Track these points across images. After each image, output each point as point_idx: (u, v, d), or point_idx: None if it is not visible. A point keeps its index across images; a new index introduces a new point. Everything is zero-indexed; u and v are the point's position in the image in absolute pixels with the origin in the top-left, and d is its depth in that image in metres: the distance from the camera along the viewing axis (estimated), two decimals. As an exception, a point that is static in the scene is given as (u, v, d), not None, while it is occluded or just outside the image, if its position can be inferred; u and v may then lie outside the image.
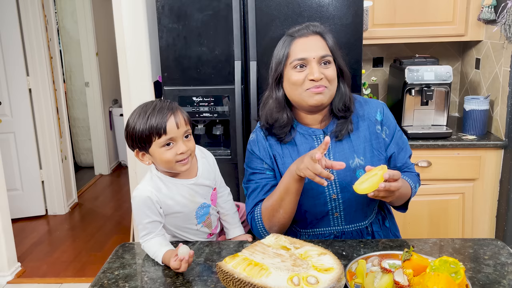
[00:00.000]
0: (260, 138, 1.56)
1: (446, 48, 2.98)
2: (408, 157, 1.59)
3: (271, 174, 1.54)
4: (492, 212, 2.54)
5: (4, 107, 3.77)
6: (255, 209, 1.52)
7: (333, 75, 1.44)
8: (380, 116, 1.54)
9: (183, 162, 1.41)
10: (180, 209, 1.48)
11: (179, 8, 2.23)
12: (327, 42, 1.46)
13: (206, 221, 1.56)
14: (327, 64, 1.44)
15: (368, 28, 2.61)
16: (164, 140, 1.37)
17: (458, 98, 3.04)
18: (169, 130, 1.36)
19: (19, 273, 3.14)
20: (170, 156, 1.38)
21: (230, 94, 2.29)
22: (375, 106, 1.55)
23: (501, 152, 2.46)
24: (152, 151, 1.40)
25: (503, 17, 2.38)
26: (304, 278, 1.10)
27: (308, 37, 1.45)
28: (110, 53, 5.12)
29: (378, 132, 1.52)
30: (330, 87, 1.44)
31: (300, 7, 2.20)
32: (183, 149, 1.39)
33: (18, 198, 3.93)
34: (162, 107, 1.38)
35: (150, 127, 1.35)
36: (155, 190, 1.44)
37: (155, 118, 1.35)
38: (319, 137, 1.51)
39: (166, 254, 1.38)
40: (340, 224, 1.53)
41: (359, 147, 1.50)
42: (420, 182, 1.60)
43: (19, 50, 3.74)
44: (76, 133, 5.30)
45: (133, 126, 1.38)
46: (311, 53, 1.42)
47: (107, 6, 4.92)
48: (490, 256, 1.36)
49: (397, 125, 1.58)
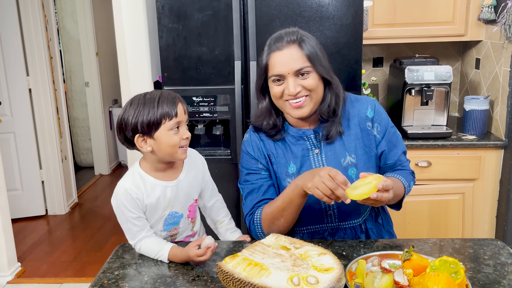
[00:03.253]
0: (254, 138, 1.56)
1: (446, 48, 2.98)
2: (402, 154, 1.57)
3: (266, 174, 1.54)
4: (492, 212, 2.54)
5: (4, 107, 3.77)
6: (255, 213, 1.52)
7: (312, 84, 1.41)
8: (371, 113, 1.52)
9: (184, 149, 1.43)
10: (153, 210, 1.46)
11: (179, 8, 2.23)
12: (304, 51, 1.41)
13: (172, 230, 1.53)
14: (305, 74, 1.41)
15: (368, 28, 2.61)
16: (174, 122, 1.39)
17: (458, 98, 3.04)
18: (180, 113, 1.40)
19: (19, 273, 3.14)
20: (177, 140, 1.40)
21: (230, 94, 2.29)
22: (366, 103, 1.54)
23: (501, 152, 2.46)
24: (159, 136, 1.39)
25: (503, 17, 2.38)
26: (304, 278, 1.10)
27: (283, 50, 1.41)
28: (110, 53, 5.12)
29: (369, 129, 1.52)
30: (312, 95, 1.43)
31: (300, 7, 2.20)
32: (187, 134, 1.42)
33: (18, 198, 3.93)
34: (168, 95, 1.42)
35: (162, 109, 1.38)
36: (134, 187, 1.43)
37: (166, 102, 1.39)
38: (310, 137, 1.51)
39: (174, 250, 1.38)
40: (334, 221, 1.54)
41: (350, 145, 1.50)
42: (415, 180, 1.59)
43: (19, 50, 3.74)
44: (76, 133, 5.30)
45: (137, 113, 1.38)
46: (285, 67, 1.40)
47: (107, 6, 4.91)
48: (490, 256, 1.36)
49: (390, 121, 1.57)
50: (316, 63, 1.41)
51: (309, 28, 2.20)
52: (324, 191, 1.27)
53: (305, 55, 1.40)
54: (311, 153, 1.51)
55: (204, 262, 1.37)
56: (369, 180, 1.28)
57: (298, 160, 1.51)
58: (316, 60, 1.41)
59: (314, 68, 1.41)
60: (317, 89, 1.43)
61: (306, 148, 1.51)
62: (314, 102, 1.44)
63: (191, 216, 1.55)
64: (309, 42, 1.42)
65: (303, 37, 1.43)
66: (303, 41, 1.42)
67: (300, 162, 1.51)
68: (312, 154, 1.51)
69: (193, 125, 2.37)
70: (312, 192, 1.30)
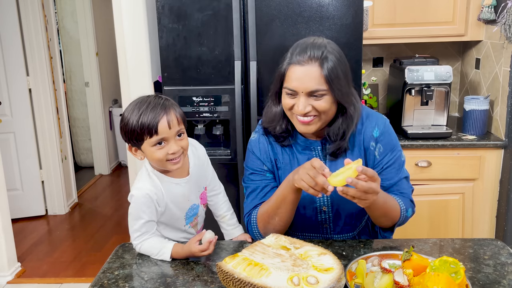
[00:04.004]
0: (262, 140, 1.54)
1: (446, 48, 2.98)
2: (404, 179, 1.50)
3: (270, 176, 1.53)
4: (492, 212, 2.54)
5: (4, 107, 3.77)
6: (252, 212, 1.52)
7: (323, 107, 1.36)
8: (377, 133, 1.47)
9: (174, 161, 1.39)
10: (174, 208, 1.48)
11: (179, 8, 2.23)
12: (324, 71, 1.33)
13: (193, 221, 1.56)
14: (319, 96, 1.35)
15: (368, 28, 2.61)
16: (156, 139, 1.35)
17: (458, 98, 3.04)
18: (161, 130, 1.34)
19: (19, 273, 3.14)
20: (161, 155, 1.36)
21: (230, 94, 2.29)
22: (374, 121, 1.48)
23: (501, 152, 2.46)
24: (144, 149, 1.39)
25: (503, 17, 2.38)
26: (304, 278, 1.10)
27: (304, 66, 1.34)
28: (110, 53, 5.12)
29: (371, 148, 1.47)
30: (321, 117, 1.39)
31: (300, 7, 2.20)
32: (174, 149, 1.37)
33: (18, 198, 3.93)
34: (155, 105, 1.35)
35: (141, 125, 1.33)
36: (154, 188, 1.43)
37: (147, 117, 1.33)
38: (316, 148, 1.49)
39: (176, 247, 1.38)
40: (329, 234, 1.55)
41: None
42: (414, 210, 1.51)
43: (19, 50, 3.74)
44: (76, 133, 5.30)
45: (127, 121, 1.36)
46: (301, 86, 1.34)
47: (107, 6, 4.91)
48: (490, 256, 1.36)
49: (397, 145, 1.50)
50: (334, 86, 1.34)
51: (309, 28, 2.20)
52: (308, 181, 1.26)
53: (324, 76, 1.33)
54: None
55: (204, 262, 1.37)
56: (349, 166, 1.23)
57: None
58: (334, 83, 1.34)
59: (330, 91, 1.35)
60: (328, 112, 1.39)
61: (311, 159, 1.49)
62: (323, 122, 1.41)
63: (203, 203, 1.59)
64: (333, 61, 1.34)
65: (328, 54, 1.35)
66: (326, 60, 1.34)
67: None
68: None
69: (193, 125, 2.37)
70: (299, 185, 1.30)
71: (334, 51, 1.37)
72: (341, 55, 1.39)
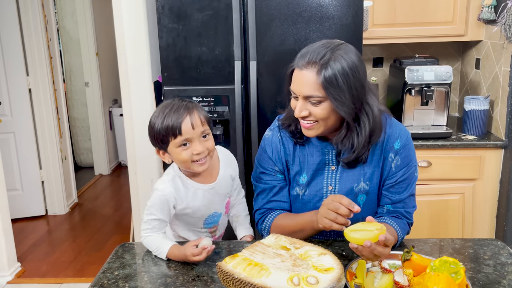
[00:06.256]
0: (275, 140, 1.51)
1: (446, 48, 2.98)
2: (411, 196, 1.49)
3: (281, 177, 1.52)
4: (492, 212, 2.54)
5: (4, 107, 3.77)
6: (268, 216, 1.52)
7: (320, 114, 1.32)
8: (398, 145, 1.44)
9: (200, 163, 1.41)
10: (192, 212, 1.49)
11: (179, 8, 2.23)
12: (320, 79, 1.27)
13: (212, 228, 1.58)
14: (316, 103, 1.31)
15: (368, 28, 2.61)
16: (180, 140, 1.38)
17: (458, 98, 3.04)
18: (184, 130, 1.37)
19: (19, 273, 3.14)
20: (186, 156, 1.39)
21: (230, 94, 2.29)
22: (397, 133, 1.45)
23: (501, 152, 2.46)
24: (170, 151, 1.41)
25: (503, 17, 2.38)
26: (304, 278, 1.10)
27: (302, 70, 1.31)
28: (110, 53, 5.12)
29: (389, 160, 1.44)
30: (321, 123, 1.36)
31: (300, 7, 2.20)
32: (199, 149, 1.39)
33: (18, 198, 3.93)
34: (179, 107, 1.38)
35: (166, 127, 1.37)
36: (174, 190, 1.44)
37: (171, 119, 1.36)
38: (331, 152, 1.46)
39: (173, 248, 1.39)
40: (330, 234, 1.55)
41: (368, 171, 1.45)
42: (409, 232, 1.51)
43: (19, 50, 3.74)
44: (76, 133, 5.30)
45: (153, 125, 1.41)
46: (298, 89, 1.33)
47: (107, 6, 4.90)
48: (490, 256, 1.36)
49: (414, 160, 1.47)
50: (331, 95, 1.29)
51: (309, 28, 2.20)
52: (331, 217, 1.25)
53: (320, 83, 1.28)
54: (326, 168, 1.48)
55: (204, 262, 1.37)
56: (372, 228, 1.18)
57: (312, 172, 1.48)
58: (332, 92, 1.28)
59: (328, 99, 1.30)
60: (327, 120, 1.35)
61: (324, 162, 1.47)
62: (324, 128, 1.37)
63: (227, 212, 1.61)
64: (334, 69, 1.27)
65: (331, 61, 1.28)
66: (325, 66, 1.28)
67: (313, 173, 1.48)
68: (327, 169, 1.48)
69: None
70: (322, 224, 1.29)
71: (343, 59, 1.29)
72: (353, 64, 1.30)
